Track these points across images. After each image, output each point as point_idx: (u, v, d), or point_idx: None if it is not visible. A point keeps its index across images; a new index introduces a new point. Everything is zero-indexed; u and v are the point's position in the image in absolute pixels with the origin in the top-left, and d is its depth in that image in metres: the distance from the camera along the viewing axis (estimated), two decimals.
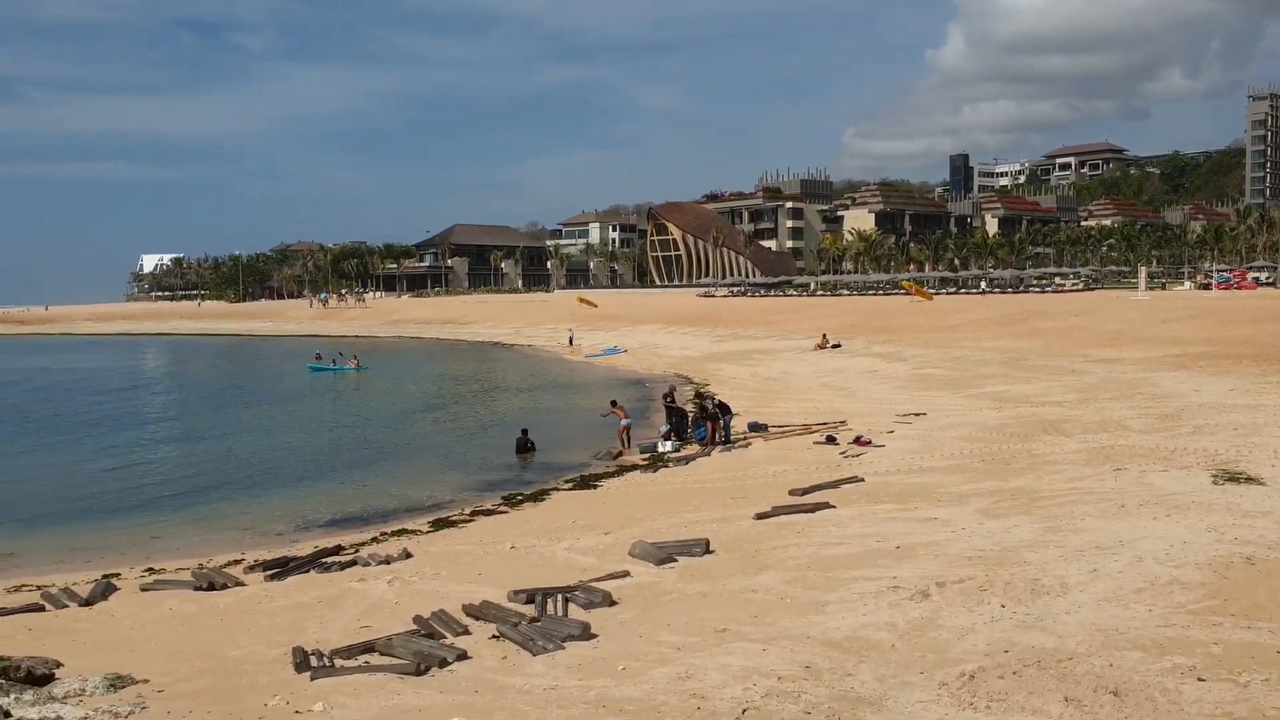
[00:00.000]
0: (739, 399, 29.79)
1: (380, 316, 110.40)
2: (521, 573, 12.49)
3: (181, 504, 21.10)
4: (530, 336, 78.81)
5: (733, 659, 8.54)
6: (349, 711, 7.82)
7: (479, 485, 21.72)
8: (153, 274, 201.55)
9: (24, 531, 18.54)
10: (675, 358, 51.45)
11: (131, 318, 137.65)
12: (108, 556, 16.40)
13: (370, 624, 10.65)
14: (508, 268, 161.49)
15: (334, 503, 20.43)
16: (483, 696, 8.06)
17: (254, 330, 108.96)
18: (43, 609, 12.83)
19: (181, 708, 8.03)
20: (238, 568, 14.71)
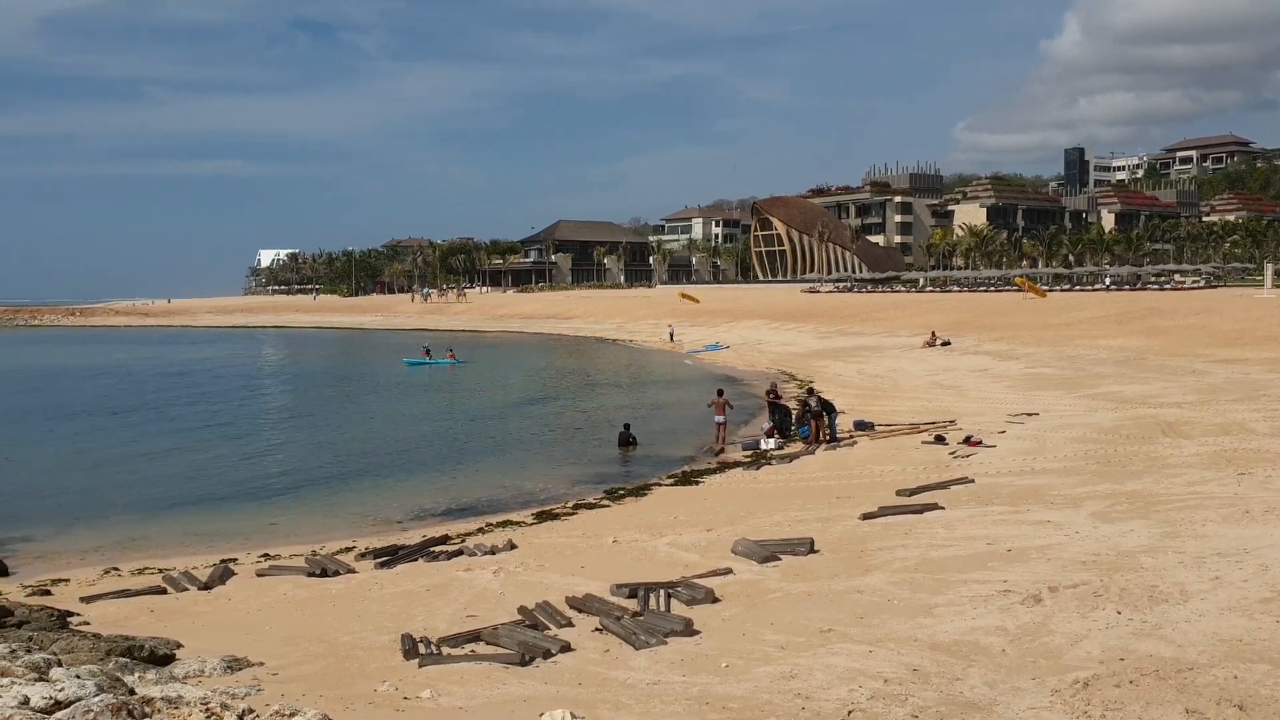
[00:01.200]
0: (844, 397, 29.46)
1: (486, 311, 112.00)
2: (623, 567, 12.53)
3: (297, 492, 21.68)
4: (632, 332, 79.08)
5: (838, 660, 8.44)
6: (455, 699, 7.94)
7: (581, 479, 21.86)
8: (270, 269, 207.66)
9: (149, 516, 19.26)
10: (778, 354, 51.07)
11: (249, 311, 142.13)
12: (226, 542, 16.94)
13: (476, 613, 10.80)
14: (610, 263, 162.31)
15: (440, 493, 20.78)
16: (586, 689, 8.11)
17: (364, 324, 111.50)
18: (164, 591, 13.31)
19: (295, 691, 8.25)
20: (349, 555, 15.06)
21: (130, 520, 18.86)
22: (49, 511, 19.56)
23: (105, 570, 14.79)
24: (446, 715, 7.59)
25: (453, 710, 7.71)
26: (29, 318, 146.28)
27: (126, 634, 10.48)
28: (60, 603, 12.53)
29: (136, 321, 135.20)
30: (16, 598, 12.69)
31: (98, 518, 19.01)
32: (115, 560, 15.56)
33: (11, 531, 17.65)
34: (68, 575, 14.49)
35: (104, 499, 20.98)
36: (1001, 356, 38.88)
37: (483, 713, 7.65)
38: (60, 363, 65.23)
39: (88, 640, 9.94)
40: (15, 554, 15.98)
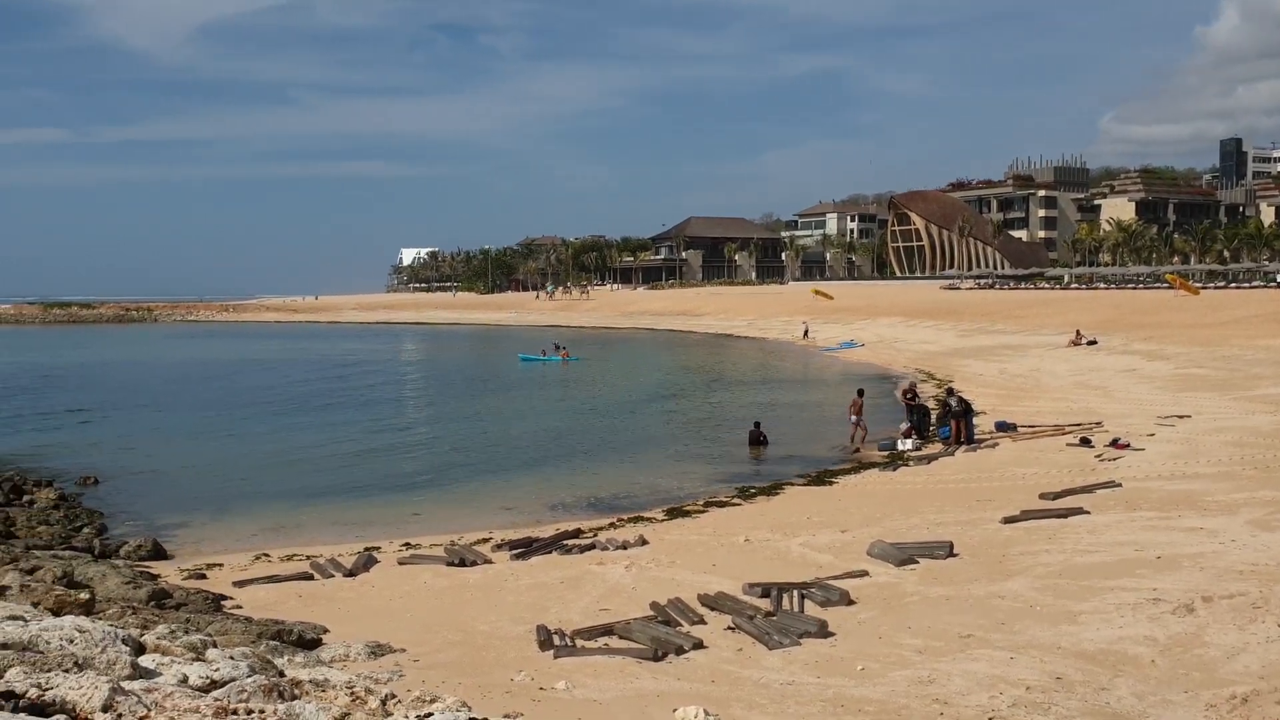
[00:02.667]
0: (985, 397, 28.74)
1: (616, 308, 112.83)
2: (756, 566, 12.47)
3: (436, 483, 22.22)
4: (763, 329, 78.59)
5: (978, 665, 8.24)
6: (589, 692, 8.02)
7: (711, 477, 21.82)
8: (410, 266, 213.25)
9: (298, 504, 20.00)
10: (916, 352, 50.08)
11: (391, 307, 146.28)
12: (370, 530, 17.46)
13: (609, 607, 10.90)
14: (742, 260, 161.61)
15: (571, 488, 21.00)
16: (719, 687, 8.10)
17: (499, 321, 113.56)
18: (311, 577, 13.80)
19: (435, 677, 8.46)
20: (485, 546, 15.35)
21: (280, 508, 19.60)
22: (206, 498, 20.51)
23: (256, 556, 15.41)
24: (581, 707, 7.67)
25: (587, 703, 7.79)
26: (186, 313, 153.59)
27: (276, 618, 10.92)
28: (215, 586, 13.13)
29: (286, 317, 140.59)
30: (175, 580, 13.34)
31: (250, 505, 19.83)
32: (266, 546, 16.20)
33: (171, 517, 18.57)
34: (222, 560, 15.14)
35: (256, 487, 21.89)
36: (1151, 356, 37.31)
37: (616, 706, 7.72)
38: (215, 356, 68.34)
39: (240, 623, 10.39)
40: (174, 539, 16.80)
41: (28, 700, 5.13)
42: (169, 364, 62.00)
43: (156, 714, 5.18)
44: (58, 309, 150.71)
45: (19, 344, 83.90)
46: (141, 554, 15.40)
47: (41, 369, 56.02)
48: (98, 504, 19.77)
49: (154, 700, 5.35)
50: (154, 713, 5.19)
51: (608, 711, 7.58)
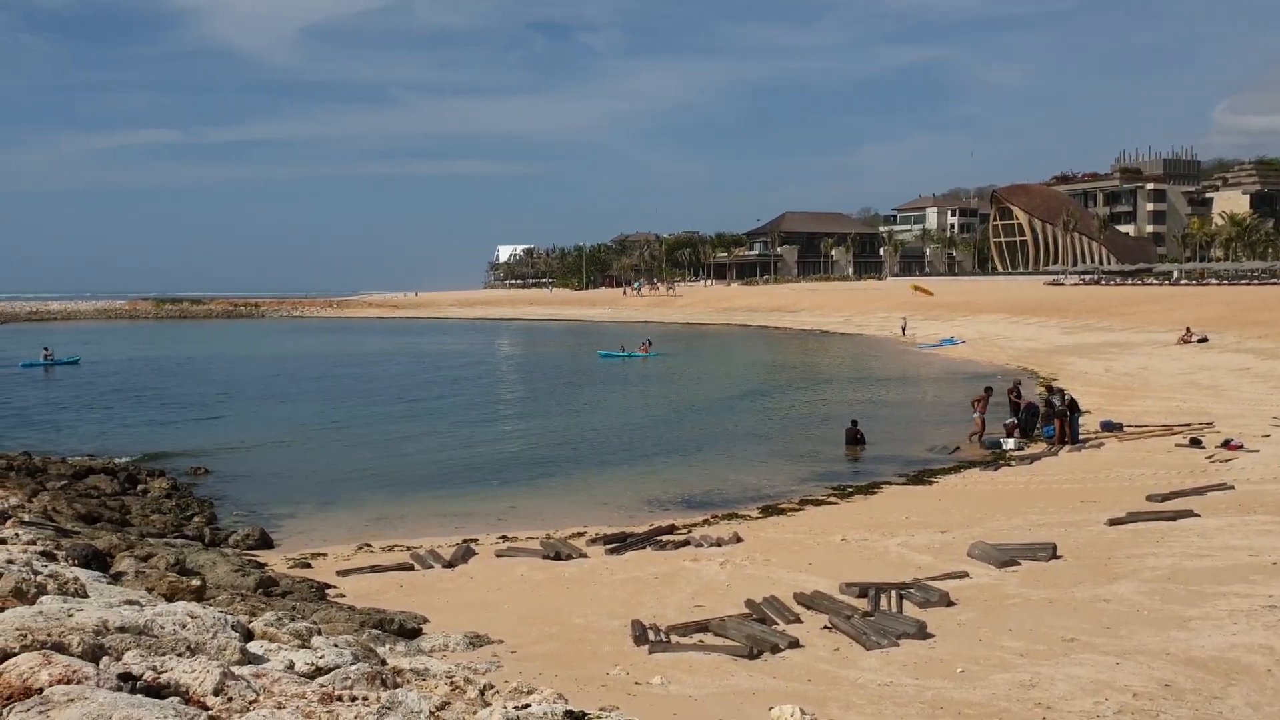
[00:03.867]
0: (1090, 396, 28.01)
1: (710, 304, 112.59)
2: (853, 565, 12.35)
3: (532, 477, 22.45)
4: (860, 325, 77.68)
5: (1082, 670, 8.03)
6: (685, 688, 8.03)
7: (807, 475, 21.64)
8: (507, 263, 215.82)
9: (398, 495, 20.41)
10: (1018, 350, 49.02)
11: (488, 304, 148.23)
12: (467, 522, 17.72)
13: (703, 604, 10.89)
14: (838, 255, 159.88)
15: (665, 484, 21.01)
16: (815, 686, 8.04)
17: (593, 316, 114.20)
18: (411, 568, 14.07)
19: (532, 669, 8.55)
20: (580, 540, 15.47)
21: (381, 499, 20.02)
22: (310, 489, 21.04)
23: (359, 546, 15.76)
24: (676, 703, 7.68)
25: (682, 699, 7.80)
26: (292, 309, 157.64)
27: (378, 607, 11.16)
28: (319, 575, 13.46)
29: (387, 313, 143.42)
30: (281, 569, 13.71)
31: (352, 496, 20.29)
32: (367, 537, 16.56)
33: (277, 507, 19.10)
34: (325, 550, 15.52)
35: (358, 478, 22.38)
36: (1266, 355, 35.91)
37: (711, 703, 7.71)
38: (319, 351, 70.01)
39: (343, 611, 10.64)
40: (280, 528, 17.27)
41: (144, 682, 5.32)
42: (275, 358, 63.70)
43: (265, 699, 5.34)
44: (170, 305, 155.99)
45: (134, 338, 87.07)
46: (249, 543, 15.86)
47: (154, 363, 58.03)
48: (207, 494, 20.41)
49: (262, 685, 5.51)
50: (262, 697, 5.35)
51: (703, 708, 7.58)
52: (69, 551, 10.89)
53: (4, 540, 10.44)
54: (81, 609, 6.57)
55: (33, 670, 5.14)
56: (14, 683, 5.09)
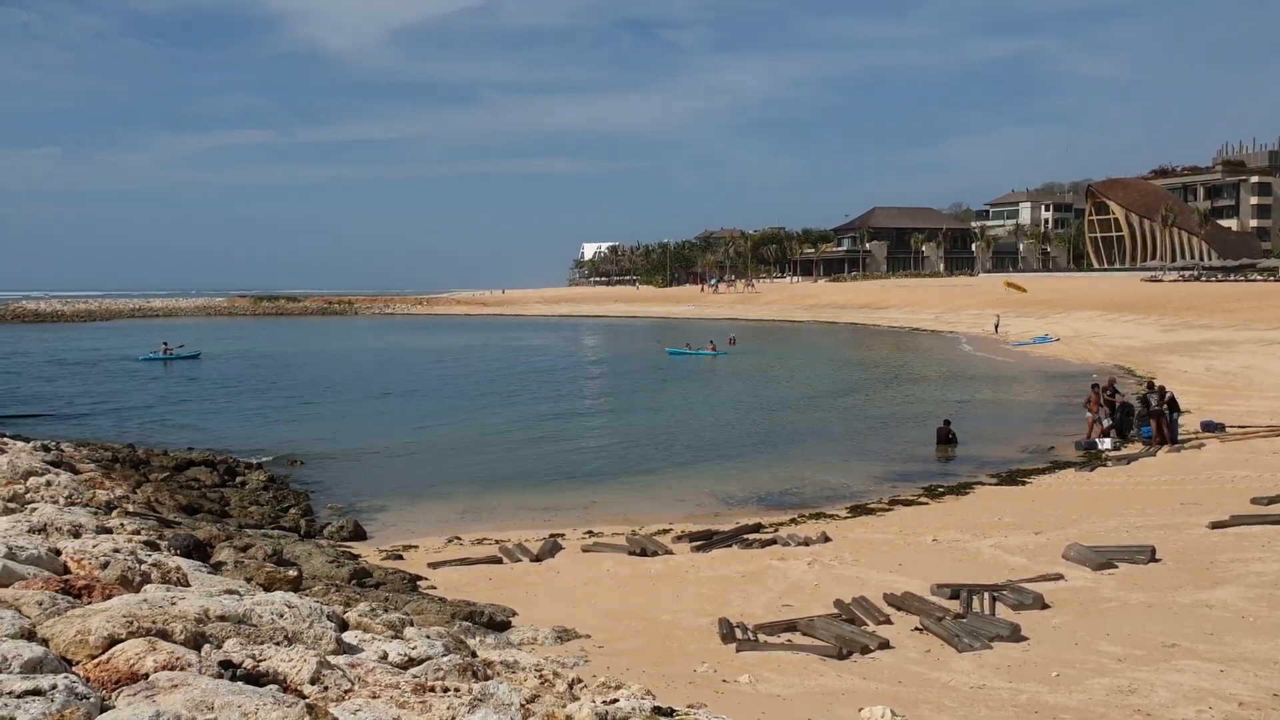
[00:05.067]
0: (1190, 395, 27.15)
1: (797, 301, 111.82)
2: (944, 566, 12.15)
3: (615, 472, 22.55)
4: (951, 322, 76.43)
5: (1183, 677, 7.79)
6: (773, 687, 7.98)
7: (895, 475, 21.35)
8: (592, 261, 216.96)
9: (486, 489, 20.66)
10: (1115, 348, 47.75)
11: (573, 301, 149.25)
12: (553, 516, 17.88)
13: (791, 603, 10.81)
14: (929, 251, 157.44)
15: (750, 481, 20.92)
16: (906, 687, 7.93)
17: (677, 313, 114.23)
18: (500, 561, 14.22)
19: (619, 664, 8.57)
20: (666, 537, 15.48)
21: (469, 491, 20.28)
22: (401, 482, 21.41)
23: (449, 539, 15.98)
24: (764, 702, 7.64)
25: (770, 697, 7.75)
26: (383, 306, 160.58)
27: (468, 599, 11.30)
28: (410, 567, 13.68)
29: (475, 310, 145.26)
30: (374, 560, 13.97)
31: (442, 489, 20.58)
32: (457, 529, 16.79)
33: (370, 499, 19.47)
34: (416, 542, 15.77)
35: (447, 471, 22.71)
36: None
37: (800, 703, 7.65)
38: (409, 347, 71.19)
39: (435, 603, 10.80)
40: (373, 521, 17.60)
41: (244, 670, 5.46)
42: (368, 354, 64.94)
43: (359, 688, 5.44)
44: (267, 302, 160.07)
45: (238, 334, 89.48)
46: (343, 534, 16.19)
47: (261, 357, 59.54)
48: (303, 486, 20.88)
49: (357, 675, 5.61)
50: (357, 687, 5.45)
51: (791, 707, 7.52)
52: (171, 541, 11.22)
53: (110, 530, 10.80)
54: (184, 597, 6.77)
55: (139, 656, 5.31)
56: (121, 668, 5.26)
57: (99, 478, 17.06)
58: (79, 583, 7.08)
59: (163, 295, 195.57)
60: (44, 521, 9.81)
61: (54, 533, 9.48)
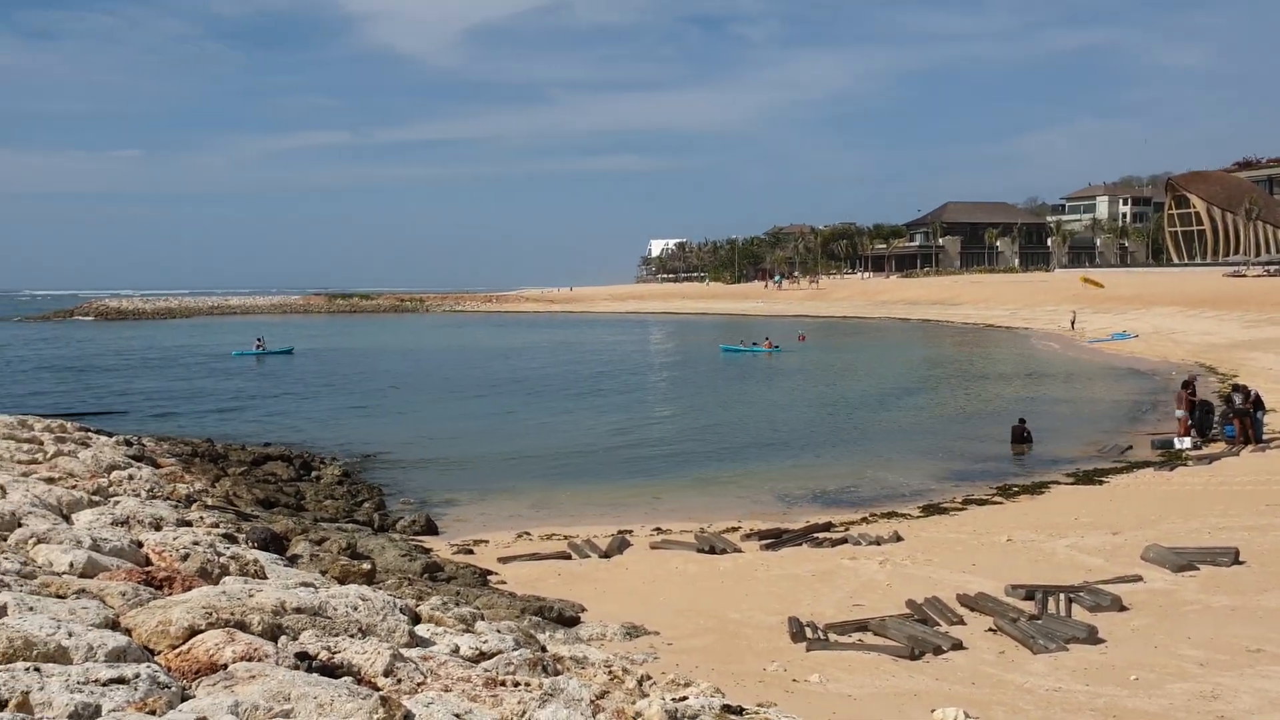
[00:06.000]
0: (1276, 393, 26.38)
1: (868, 297, 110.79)
2: (1018, 567, 11.95)
3: (681, 469, 22.54)
4: (1027, 319, 75.16)
5: (1270, 684, 7.57)
6: (844, 687, 7.91)
7: (969, 473, 21.05)
8: (659, 258, 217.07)
9: (553, 484, 20.78)
10: (1195, 344, 46.57)
11: (640, 298, 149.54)
12: (621, 512, 17.90)
13: (862, 603, 10.71)
14: (1003, 246, 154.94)
15: (820, 479, 20.76)
16: (980, 689, 7.81)
17: (745, 310, 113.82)
18: (569, 557, 14.29)
19: (688, 662, 8.57)
20: (735, 535, 15.42)
21: (537, 487, 20.41)
22: (471, 477, 21.62)
23: (518, 534, 16.09)
24: (835, 702, 7.58)
25: (841, 697, 7.69)
26: (454, 303, 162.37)
27: (537, 594, 11.38)
28: (481, 561, 13.80)
29: (543, 307, 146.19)
30: (445, 555, 14.11)
31: (511, 484, 20.74)
32: (526, 524, 16.91)
33: (442, 494, 19.69)
34: (486, 537, 15.90)
35: (515, 467, 22.88)
36: None
37: (871, 703, 7.57)
38: (478, 344, 71.88)
39: (505, 598, 10.89)
40: (444, 516, 17.79)
41: (319, 661, 5.55)
42: (437, 351, 65.71)
43: (432, 681, 5.50)
44: (340, 300, 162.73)
45: (310, 332, 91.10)
46: (415, 529, 16.39)
47: (328, 354, 60.55)
48: (375, 480, 21.18)
49: (429, 668, 5.67)
50: (430, 680, 5.51)
51: (863, 708, 7.45)
52: (249, 534, 11.46)
53: (190, 523, 11.07)
54: (261, 589, 6.90)
55: (218, 647, 5.42)
56: (201, 658, 5.38)
57: (179, 471, 17.49)
58: (160, 574, 7.26)
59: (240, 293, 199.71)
60: (126, 514, 10.08)
61: (136, 525, 9.73)
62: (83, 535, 8.07)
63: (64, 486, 11.48)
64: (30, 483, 11.21)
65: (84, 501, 10.38)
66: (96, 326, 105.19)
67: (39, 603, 5.83)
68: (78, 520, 9.38)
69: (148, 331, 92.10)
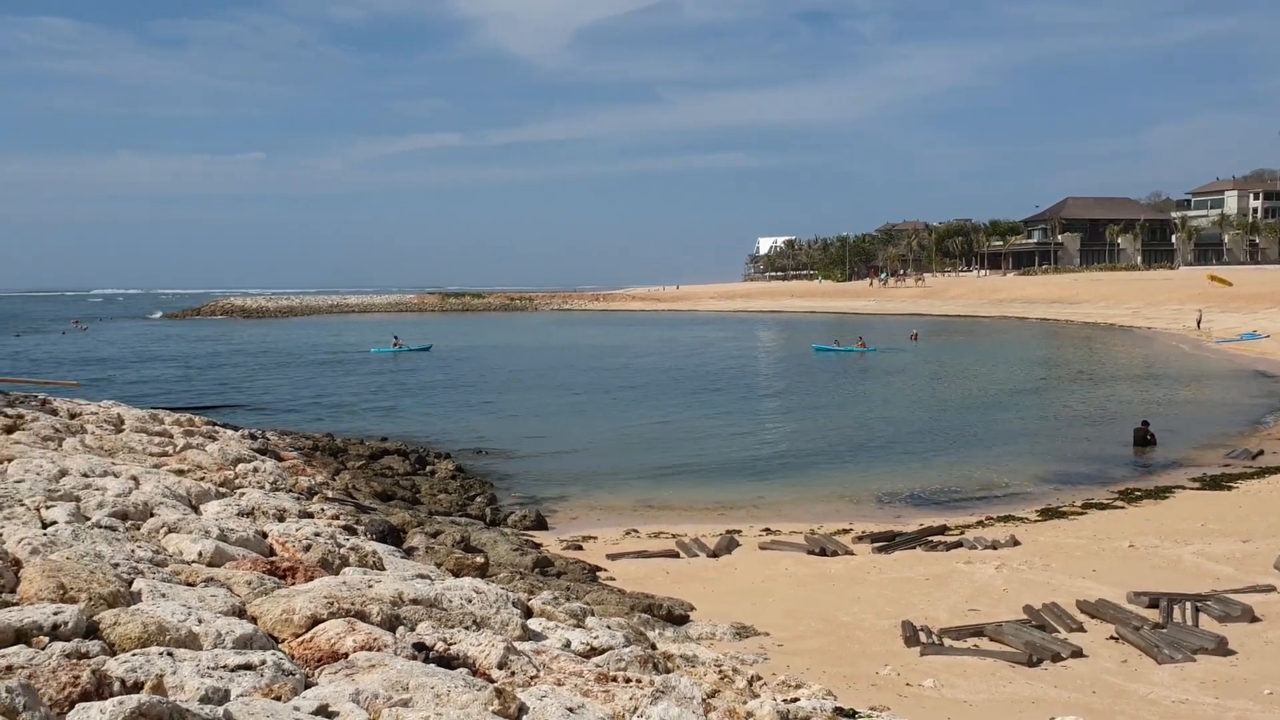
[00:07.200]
0: None
1: (984, 295, 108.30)
2: (1141, 574, 11.56)
3: (789, 469, 22.34)
4: (1149, 318, 72.59)
5: None
6: (959, 692, 7.76)
7: (1088, 477, 20.43)
8: (767, 255, 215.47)
9: (659, 482, 20.82)
10: None
11: (747, 296, 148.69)
12: (727, 512, 17.86)
13: (977, 608, 10.49)
14: (1125, 243, 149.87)
15: (930, 481, 20.37)
16: (1101, 698, 7.58)
17: (856, 308, 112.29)
18: (677, 555, 14.30)
19: (799, 664, 8.50)
20: (846, 537, 15.24)
21: (643, 484, 20.48)
22: (580, 473, 21.79)
23: (626, 531, 16.17)
24: (949, 707, 7.44)
25: (956, 703, 7.54)
26: (562, 302, 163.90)
27: (646, 592, 11.41)
28: (590, 558, 13.90)
29: (649, 306, 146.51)
30: (555, 550, 14.26)
31: (618, 481, 20.85)
32: (633, 522, 16.97)
33: (552, 490, 19.90)
34: (595, 533, 16.01)
35: (623, 464, 22.98)
36: None
37: (987, 710, 7.41)
38: (587, 342, 72.39)
39: (614, 594, 10.94)
40: (554, 512, 17.97)
41: (436, 652, 5.66)
42: (545, 349, 66.38)
43: (545, 675, 5.56)
44: (452, 299, 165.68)
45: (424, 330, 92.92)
46: (526, 524, 16.59)
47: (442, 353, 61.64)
48: (486, 475, 21.51)
49: (542, 662, 5.74)
50: (542, 673, 5.57)
51: (978, 714, 7.30)
52: (367, 527, 11.75)
53: (311, 515, 11.39)
54: (380, 580, 7.07)
55: (339, 636, 5.57)
56: (323, 646, 5.54)
57: (301, 465, 18.02)
58: (283, 564, 7.49)
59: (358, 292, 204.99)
60: (251, 506, 10.43)
61: (260, 516, 10.07)
62: (210, 525, 8.38)
63: (193, 478, 11.93)
64: (161, 474, 11.68)
65: (211, 493, 10.77)
66: (223, 324, 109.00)
67: (171, 590, 6.08)
68: (206, 511, 9.74)
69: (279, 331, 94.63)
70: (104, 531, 7.46)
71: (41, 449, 12.38)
